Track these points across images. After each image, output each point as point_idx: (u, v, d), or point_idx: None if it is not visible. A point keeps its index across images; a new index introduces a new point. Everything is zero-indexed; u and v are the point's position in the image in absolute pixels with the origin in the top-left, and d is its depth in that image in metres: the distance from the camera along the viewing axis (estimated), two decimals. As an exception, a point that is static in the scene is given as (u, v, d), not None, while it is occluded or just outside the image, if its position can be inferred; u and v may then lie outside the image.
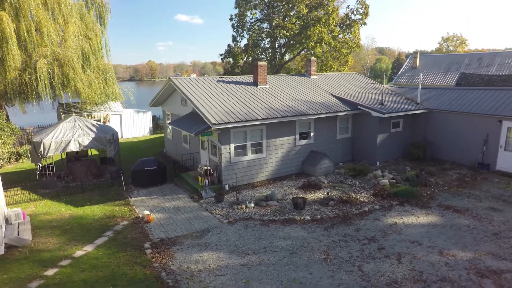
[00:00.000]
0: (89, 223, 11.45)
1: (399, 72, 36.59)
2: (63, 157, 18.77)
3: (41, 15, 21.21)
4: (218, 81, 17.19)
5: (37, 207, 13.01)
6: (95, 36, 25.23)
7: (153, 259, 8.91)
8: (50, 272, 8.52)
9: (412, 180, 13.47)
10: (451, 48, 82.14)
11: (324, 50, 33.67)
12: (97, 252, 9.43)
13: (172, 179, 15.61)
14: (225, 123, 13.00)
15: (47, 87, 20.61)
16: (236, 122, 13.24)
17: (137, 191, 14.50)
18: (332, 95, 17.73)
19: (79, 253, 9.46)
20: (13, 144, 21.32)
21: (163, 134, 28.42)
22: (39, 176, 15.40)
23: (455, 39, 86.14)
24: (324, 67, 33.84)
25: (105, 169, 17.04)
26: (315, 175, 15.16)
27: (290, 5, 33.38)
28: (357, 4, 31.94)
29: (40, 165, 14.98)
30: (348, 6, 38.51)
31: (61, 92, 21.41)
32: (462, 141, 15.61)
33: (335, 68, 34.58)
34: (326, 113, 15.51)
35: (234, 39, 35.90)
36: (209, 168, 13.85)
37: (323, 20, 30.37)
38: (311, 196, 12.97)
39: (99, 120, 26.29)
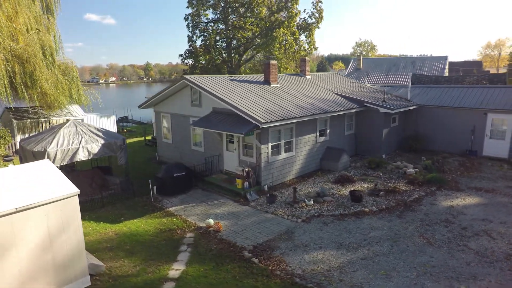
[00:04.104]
0: (148, 239, 10.07)
1: (346, 73, 39.74)
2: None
3: (-12, 2, 17.66)
4: (232, 80, 16.59)
5: (61, 229, 10.88)
6: (46, 30, 21.87)
7: (269, 267, 8.35)
8: (164, 297, 7.37)
9: (430, 168, 14.99)
10: (364, 53, 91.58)
11: (280, 52, 34.74)
12: (195, 269, 8.41)
13: (196, 185, 14.56)
14: (271, 121, 12.70)
15: (7, 89, 17.22)
16: (279, 120, 13.04)
17: (166, 200, 13.17)
18: (335, 93, 18.58)
19: (173, 273, 8.32)
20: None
21: (132, 140, 26.02)
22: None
23: (366, 44, 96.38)
24: (281, 68, 34.89)
25: (107, 180, 15.00)
26: (337, 170, 15.74)
27: (246, 7, 33.63)
28: (312, 8, 33.74)
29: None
30: (304, 10, 40.26)
31: (25, 94, 18.08)
32: (451, 132, 17.90)
33: (289, 69, 35.93)
34: (342, 110, 16.22)
35: (190, 39, 34.71)
36: (250, 169, 13.35)
37: (286, 23, 31.36)
38: (352, 189, 13.46)
39: (59, 126, 22.87)
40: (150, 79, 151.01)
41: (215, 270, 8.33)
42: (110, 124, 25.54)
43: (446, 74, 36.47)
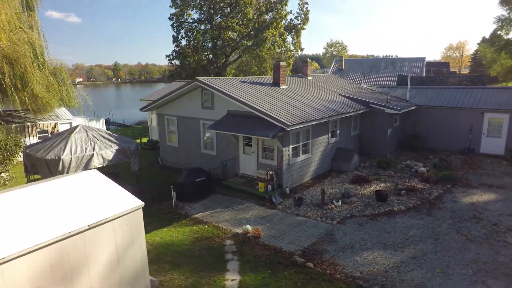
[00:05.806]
0: (186, 249, 9.66)
1: (329, 73, 40.48)
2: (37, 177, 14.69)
3: (-29, -3, 16.24)
4: (242, 81, 16.34)
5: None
6: (29, 28, 20.45)
7: (327, 271, 8.28)
8: (232, 309, 7.09)
9: (439, 166, 15.59)
10: (335, 53, 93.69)
11: (268, 53, 34.77)
12: (252, 278, 8.17)
13: (214, 189, 14.19)
14: (296, 124, 12.63)
15: (-4, 91, 15.96)
16: (302, 123, 13.00)
17: (188, 206, 12.72)
18: (340, 95, 18.84)
19: (230, 283, 8.03)
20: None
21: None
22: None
23: (337, 45, 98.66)
24: (268, 69, 34.98)
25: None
26: (349, 170, 15.96)
27: (232, 8, 33.32)
28: (299, 10, 34.06)
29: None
30: (291, 11, 40.51)
31: (15, 96, 16.79)
32: (450, 131, 18.72)
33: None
34: (352, 111, 16.47)
35: (175, 39, 33.89)
36: (273, 172, 13.20)
37: (274, 24, 31.43)
38: (371, 188, 13.71)
39: (46, 131, 21.52)
40: (119, 79, 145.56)
41: (273, 278, 8.14)
42: (99, 127, 24.30)
43: (424, 74, 38.18)
